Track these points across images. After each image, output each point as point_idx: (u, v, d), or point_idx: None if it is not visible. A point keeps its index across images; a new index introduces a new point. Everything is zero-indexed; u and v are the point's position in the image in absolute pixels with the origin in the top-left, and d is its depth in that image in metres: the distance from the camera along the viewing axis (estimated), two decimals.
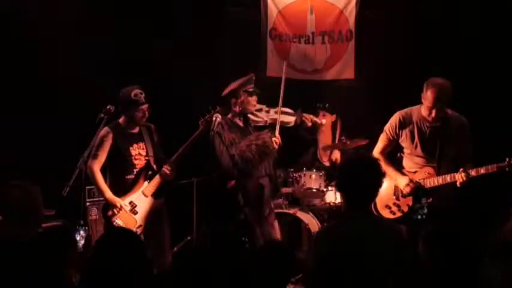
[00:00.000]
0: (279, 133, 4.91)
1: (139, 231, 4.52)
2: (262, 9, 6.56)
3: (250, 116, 4.98)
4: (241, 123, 4.95)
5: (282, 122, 5.00)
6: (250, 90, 4.92)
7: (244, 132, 4.89)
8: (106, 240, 3.43)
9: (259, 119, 5.00)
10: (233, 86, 4.93)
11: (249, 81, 4.96)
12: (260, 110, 4.99)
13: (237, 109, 4.93)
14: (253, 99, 4.92)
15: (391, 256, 2.86)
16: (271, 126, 4.95)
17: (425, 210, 4.25)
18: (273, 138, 4.82)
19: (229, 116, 4.96)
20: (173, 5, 6.56)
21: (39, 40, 6.06)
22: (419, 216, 4.24)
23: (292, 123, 5.11)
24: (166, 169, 4.67)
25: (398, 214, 4.37)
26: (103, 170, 4.65)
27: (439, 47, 6.18)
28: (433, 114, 4.21)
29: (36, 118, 6.09)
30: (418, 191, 4.31)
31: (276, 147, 4.82)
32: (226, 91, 4.95)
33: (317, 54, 6.54)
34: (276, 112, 5.00)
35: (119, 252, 3.20)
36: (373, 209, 4.19)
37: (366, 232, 2.89)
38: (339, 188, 3.14)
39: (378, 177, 2.99)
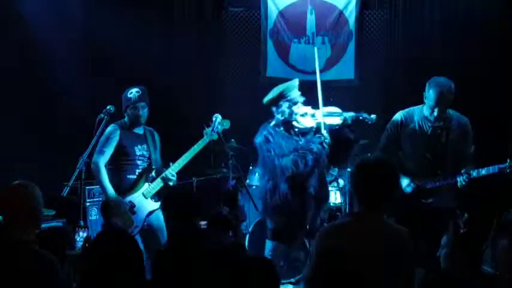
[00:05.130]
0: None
1: (135, 231, 4.52)
2: (262, 9, 6.56)
3: (294, 122, 4.60)
4: (284, 131, 4.62)
5: (329, 126, 4.62)
6: (294, 100, 4.57)
7: (289, 140, 4.58)
8: (97, 243, 3.43)
9: (303, 126, 4.61)
10: (274, 93, 4.61)
11: (291, 88, 4.61)
12: (305, 114, 4.61)
13: (279, 117, 4.60)
14: (296, 107, 4.56)
15: (394, 257, 2.86)
16: (317, 130, 4.58)
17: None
18: (323, 142, 4.49)
19: (273, 124, 4.65)
20: (173, 5, 6.56)
21: (38, 40, 6.06)
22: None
23: (340, 124, 4.67)
24: (169, 175, 4.66)
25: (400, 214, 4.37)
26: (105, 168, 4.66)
27: (439, 47, 6.18)
28: (436, 113, 4.21)
29: (36, 118, 6.09)
30: (419, 191, 4.30)
31: (327, 148, 4.50)
32: (265, 99, 4.66)
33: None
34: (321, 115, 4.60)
35: (111, 253, 3.19)
36: None
37: (372, 232, 2.88)
38: (353, 190, 3.12)
39: (392, 181, 2.98)
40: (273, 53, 6.62)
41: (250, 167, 5.93)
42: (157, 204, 4.70)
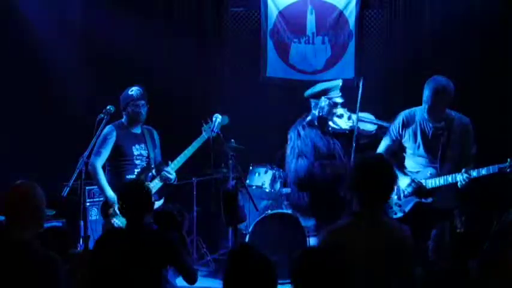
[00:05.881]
0: (357, 142, 4.53)
1: None
2: (262, 9, 6.56)
3: (330, 122, 4.66)
4: (319, 129, 4.66)
5: (361, 131, 4.65)
6: (335, 100, 4.62)
7: (322, 141, 4.62)
8: (105, 240, 3.46)
9: (337, 127, 4.65)
10: (318, 88, 4.66)
11: (335, 88, 4.66)
12: (341, 115, 4.66)
13: (316, 112, 4.66)
14: (335, 109, 4.63)
15: (395, 255, 2.87)
16: (350, 133, 4.59)
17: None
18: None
19: (308, 119, 4.69)
20: (173, 5, 6.56)
21: (39, 40, 6.07)
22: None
23: (374, 132, 4.70)
24: (167, 174, 4.68)
25: (400, 214, 4.37)
26: (104, 169, 4.66)
27: (439, 47, 6.18)
28: (429, 111, 4.22)
29: (36, 118, 6.10)
30: (419, 191, 4.30)
31: None
32: (307, 92, 4.69)
33: (317, 54, 6.54)
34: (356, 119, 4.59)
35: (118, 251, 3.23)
36: None
37: (372, 231, 2.89)
38: (352, 189, 3.12)
39: (391, 179, 2.99)
40: (273, 53, 6.62)
41: (250, 167, 5.93)
42: (157, 203, 4.70)
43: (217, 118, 4.83)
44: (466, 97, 4.98)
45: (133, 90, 4.66)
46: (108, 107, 4.53)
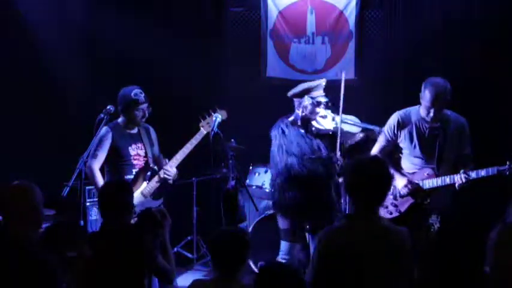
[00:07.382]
0: (342, 142, 4.55)
1: None
2: (262, 9, 6.56)
3: (313, 122, 4.62)
4: (301, 129, 4.63)
5: (345, 132, 4.62)
6: (318, 99, 4.56)
7: (304, 140, 4.58)
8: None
9: (322, 127, 4.61)
10: (300, 88, 4.62)
11: (318, 87, 4.60)
12: (325, 116, 4.61)
13: (299, 112, 4.62)
14: (318, 109, 4.58)
15: (395, 256, 2.87)
16: (333, 135, 4.60)
17: (438, 225, 4.27)
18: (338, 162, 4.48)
19: (291, 119, 4.67)
20: (173, 5, 6.56)
21: (39, 40, 6.07)
22: (432, 229, 4.27)
23: (358, 134, 4.68)
24: (166, 173, 4.67)
25: (396, 214, 4.37)
26: (101, 170, 4.66)
27: (439, 47, 6.18)
28: (431, 113, 4.21)
29: (37, 118, 6.10)
30: (416, 192, 4.30)
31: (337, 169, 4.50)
32: (292, 92, 4.65)
33: (317, 54, 6.54)
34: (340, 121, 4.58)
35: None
36: None
37: (371, 233, 2.89)
38: (347, 190, 3.12)
39: (387, 179, 2.99)
40: (273, 53, 6.62)
41: (250, 167, 5.93)
42: (157, 203, 4.70)
43: (217, 118, 4.82)
44: (465, 97, 4.97)
45: (137, 94, 4.62)
46: (108, 107, 4.53)
